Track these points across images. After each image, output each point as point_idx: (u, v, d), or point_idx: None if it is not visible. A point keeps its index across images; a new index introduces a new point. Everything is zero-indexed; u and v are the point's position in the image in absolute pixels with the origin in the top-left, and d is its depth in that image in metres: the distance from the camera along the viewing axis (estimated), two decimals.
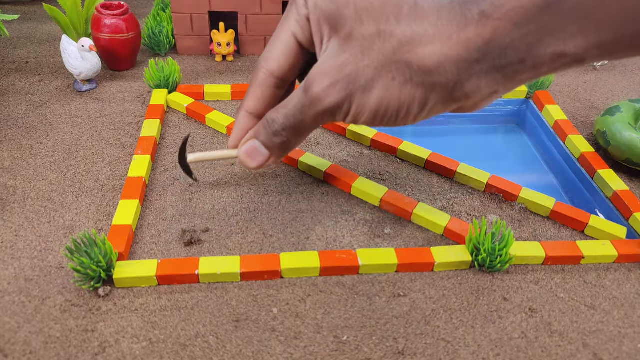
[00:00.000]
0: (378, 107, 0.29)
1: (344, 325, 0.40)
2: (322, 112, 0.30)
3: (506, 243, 0.43)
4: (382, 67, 0.27)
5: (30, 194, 0.50)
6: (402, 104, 0.29)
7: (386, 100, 0.28)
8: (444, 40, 0.25)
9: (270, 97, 0.36)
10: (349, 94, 0.29)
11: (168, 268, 0.41)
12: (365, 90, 0.28)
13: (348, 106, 0.30)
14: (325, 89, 0.29)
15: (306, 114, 0.31)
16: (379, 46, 0.27)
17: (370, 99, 0.29)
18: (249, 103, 0.37)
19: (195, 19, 0.73)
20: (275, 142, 0.35)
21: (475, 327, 0.40)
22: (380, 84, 0.28)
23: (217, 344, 0.38)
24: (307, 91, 0.30)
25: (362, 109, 0.29)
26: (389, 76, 0.28)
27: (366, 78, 0.28)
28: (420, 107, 0.29)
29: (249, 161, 0.37)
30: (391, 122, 0.30)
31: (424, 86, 0.27)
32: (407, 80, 0.27)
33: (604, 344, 0.40)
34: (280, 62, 0.34)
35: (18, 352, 0.36)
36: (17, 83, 0.66)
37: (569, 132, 0.62)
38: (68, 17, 0.69)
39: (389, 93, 0.28)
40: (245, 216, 0.49)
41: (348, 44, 0.28)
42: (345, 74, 0.28)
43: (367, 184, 0.52)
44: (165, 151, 0.56)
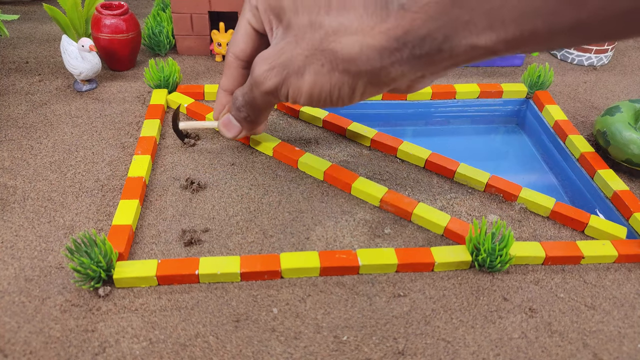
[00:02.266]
0: (311, 91, 0.32)
1: (344, 325, 0.40)
2: (265, 92, 0.34)
3: (506, 243, 0.43)
4: (312, 55, 0.30)
5: (30, 194, 0.50)
6: (333, 88, 0.31)
7: (318, 85, 0.31)
8: (367, 30, 0.27)
9: (239, 77, 0.42)
10: (284, 78, 0.32)
11: (168, 268, 0.41)
12: (299, 75, 0.31)
13: (285, 89, 0.33)
14: (263, 73, 0.33)
15: (254, 93, 0.36)
16: (309, 36, 0.30)
17: (303, 83, 0.32)
18: (223, 82, 0.43)
19: (195, 19, 0.73)
20: (240, 116, 0.40)
21: (475, 327, 0.40)
22: (311, 70, 0.31)
23: (217, 344, 0.38)
24: (252, 74, 0.34)
25: (298, 92, 0.32)
26: (318, 63, 0.30)
27: (298, 64, 0.31)
28: (351, 90, 0.31)
29: (226, 131, 0.43)
30: (328, 104, 0.33)
31: (349, 72, 0.30)
32: (334, 68, 0.30)
33: (604, 344, 0.40)
34: (241, 46, 0.39)
35: (18, 352, 0.36)
36: (17, 83, 0.66)
37: (569, 132, 0.62)
38: (68, 17, 0.69)
39: (319, 78, 0.31)
40: (245, 216, 0.49)
41: (287, 33, 0.32)
42: (281, 60, 0.32)
43: (367, 184, 0.52)
44: (165, 151, 0.56)
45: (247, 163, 0.56)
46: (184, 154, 0.56)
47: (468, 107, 0.70)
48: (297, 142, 0.59)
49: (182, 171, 0.54)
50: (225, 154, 0.57)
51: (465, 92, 0.68)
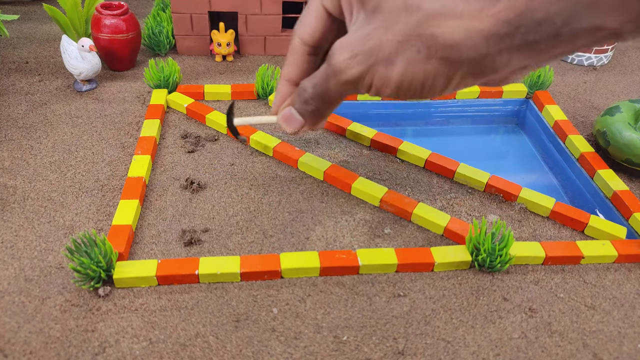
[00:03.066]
0: (402, 81, 0.29)
1: (344, 325, 0.40)
2: (344, 82, 0.31)
3: (506, 243, 0.43)
4: (406, 41, 0.27)
5: (30, 194, 0.50)
6: (427, 78, 0.28)
7: (410, 74, 0.28)
8: (474, 14, 0.25)
9: (305, 64, 0.38)
10: (370, 66, 0.29)
11: (168, 268, 0.41)
12: (388, 64, 0.28)
13: (370, 79, 0.30)
14: (345, 61, 0.30)
15: (330, 84, 0.32)
16: (404, 19, 0.27)
17: (393, 72, 0.28)
18: (286, 70, 0.38)
19: (195, 19, 0.73)
20: (307, 109, 0.36)
21: (475, 327, 0.40)
22: (404, 57, 0.28)
23: (217, 344, 0.38)
24: (330, 62, 0.31)
25: (385, 82, 0.29)
26: (413, 50, 0.27)
27: (389, 51, 0.28)
28: (446, 80, 0.28)
29: (286, 126, 0.39)
30: (416, 95, 0.30)
31: (449, 60, 0.27)
32: (431, 55, 0.27)
33: (604, 344, 0.40)
34: (311, 30, 0.35)
35: (18, 352, 0.36)
36: (17, 83, 0.66)
37: (569, 132, 0.62)
38: (68, 17, 0.69)
39: (413, 67, 0.28)
40: (245, 216, 0.49)
41: (373, 17, 0.28)
42: (367, 47, 0.29)
43: (367, 184, 0.51)
44: (165, 151, 0.56)
45: (247, 163, 0.56)
46: (184, 154, 0.56)
47: (468, 107, 0.70)
48: (297, 142, 0.59)
49: (182, 171, 0.54)
50: (225, 154, 0.57)
51: (465, 92, 0.68)
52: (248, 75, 0.72)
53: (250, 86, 0.66)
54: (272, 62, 0.76)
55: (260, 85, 0.65)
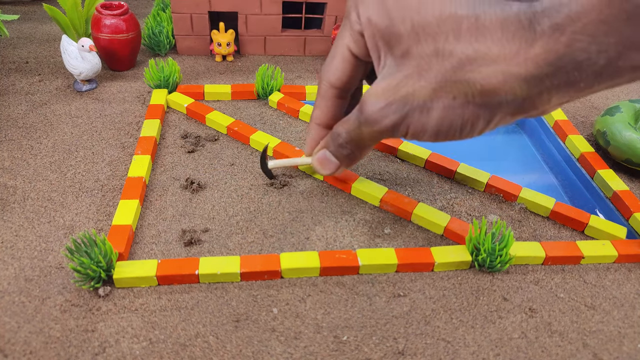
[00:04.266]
0: (439, 127, 0.28)
1: (344, 325, 0.40)
2: (378, 132, 0.31)
3: (506, 243, 0.43)
4: (441, 88, 0.27)
5: (30, 194, 0.50)
6: (466, 122, 0.28)
7: (448, 120, 0.28)
8: (511, 57, 0.24)
9: (334, 107, 0.37)
10: (405, 115, 0.29)
11: (168, 268, 0.41)
12: (423, 111, 0.28)
13: (405, 126, 0.29)
14: (379, 111, 0.29)
15: (363, 132, 0.32)
16: (437, 66, 0.26)
17: (429, 119, 0.28)
18: (316, 114, 0.39)
19: (195, 19, 0.73)
20: (342, 153, 0.36)
21: (475, 327, 0.40)
22: (440, 104, 0.27)
23: (217, 344, 0.38)
24: (362, 111, 0.31)
25: (422, 129, 0.29)
26: (449, 96, 0.27)
27: (424, 99, 0.27)
28: (485, 123, 0.28)
29: (321, 168, 0.39)
30: (455, 138, 0.29)
31: (488, 105, 0.26)
32: (468, 101, 0.26)
33: (604, 344, 0.40)
34: (338, 74, 0.35)
35: (18, 352, 0.36)
36: (17, 83, 0.66)
37: (569, 132, 0.62)
38: (68, 17, 0.69)
39: (450, 113, 0.27)
40: (245, 216, 0.49)
41: (404, 64, 0.28)
42: (400, 95, 0.28)
43: (367, 184, 0.52)
44: (165, 151, 0.56)
45: (247, 163, 0.56)
46: (184, 154, 0.56)
47: None
48: (297, 142, 0.59)
49: (182, 171, 0.54)
50: (225, 154, 0.57)
51: None
52: (248, 75, 0.72)
53: (250, 86, 0.66)
54: (272, 62, 0.76)
55: (260, 85, 0.65)
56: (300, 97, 0.67)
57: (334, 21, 0.75)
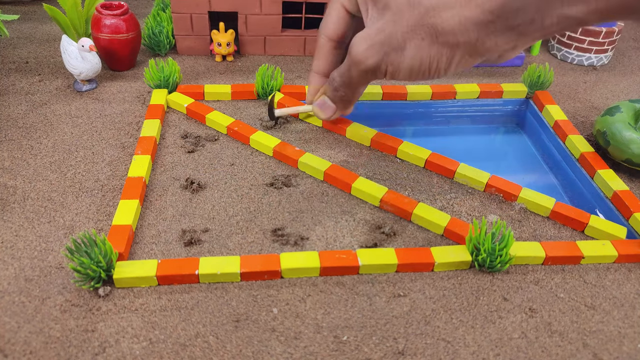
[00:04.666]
0: (412, 64, 0.34)
1: (344, 325, 0.40)
2: (364, 70, 0.36)
3: (506, 243, 0.43)
4: (412, 31, 0.32)
5: (30, 194, 0.50)
6: (432, 60, 0.33)
7: (418, 58, 0.33)
8: (464, 4, 0.30)
9: (331, 57, 0.43)
10: (384, 54, 0.34)
11: (168, 268, 0.41)
12: (399, 51, 0.33)
13: (385, 65, 0.35)
14: (363, 52, 0.35)
15: (352, 72, 0.37)
16: (408, 13, 0.32)
17: (404, 58, 0.33)
18: (315, 64, 0.44)
19: (195, 19, 0.73)
20: (337, 95, 0.42)
21: (475, 327, 0.40)
22: (412, 44, 0.33)
23: (217, 344, 0.38)
24: (350, 54, 0.36)
25: (398, 67, 0.34)
26: (418, 38, 0.32)
27: (398, 40, 0.33)
28: (448, 61, 0.33)
29: (321, 113, 0.45)
30: (426, 76, 0.35)
31: (448, 44, 0.32)
32: (433, 41, 0.32)
33: (604, 344, 0.40)
34: (334, 28, 0.41)
35: (18, 352, 0.36)
36: (17, 83, 0.67)
37: (569, 132, 0.62)
38: (68, 17, 0.69)
39: (420, 52, 0.33)
40: (245, 216, 0.49)
41: (383, 13, 0.33)
42: (380, 38, 0.34)
43: (367, 184, 0.52)
44: (165, 151, 0.56)
45: (247, 163, 0.56)
46: (184, 154, 0.56)
47: (468, 107, 0.70)
48: (297, 142, 0.59)
49: (182, 171, 0.54)
50: (225, 154, 0.57)
51: (465, 92, 0.68)
52: (248, 75, 0.72)
53: (250, 86, 0.66)
54: (272, 62, 0.76)
55: (260, 85, 0.65)
56: (301, 97, 0.67)
57: None
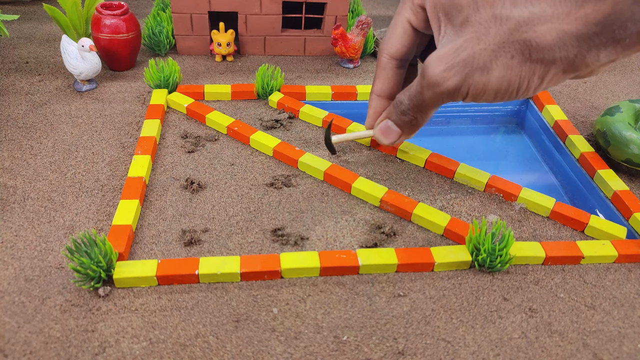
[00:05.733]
0: (499, 86, 0.31)
1: (344, 325, 0.40)
2: (441, 93, 0.33)
3: (506, 243, 0.43)
4: (499, 49, 0.29)
5: (30, 194, 0.50)
6: (523, 80, 0.30)
7: (507, 78, 0.30)
8: (563, 17, 0.27)
9: (393, 78, 0.41)
10: (466, 76, 0.31)
11: (168, 268, 0.41)
12: (484, 72, 0.30)
13: (466, 87, 0.32)
14: (440, 73, 0.32)
15: (425, 96, 0.35)
16: (495, 30, 0.29)
17: (490, 79, 0.31)
18: (377, 86, 0.42)
19: (195, 19, 0.73)
20: (404, 120, 0.39)
21: (475, 327, 0.40)
22: (499, 64, 0.30)
23: (217, 344, 0.38)
24: (424, 76, 0.33)
25: (483, 88, 0.31)
26: (507, 56, 0.29)
27: (483, 60, 0.30)
28: (540, 80, 0.30)
29: (383, 138, 0.42)
30: (512, 97, 0.32)
31: (543, 61, 0.29)
32: (525, 58, 0.29)
33: (604, 344, 0.40)
34: (397, 46, 0.39)
35: (18, 352, 0.36)
36: (17, 83, 0.67)
37: (569, 132, 0.62)
38: (68, 17, 0.69)
39: (509, 71, 0.30)
40: (245, 216, 0.49)
41: (463, 31, 0.31)
42: (461, 58, 0.31)
43: (367, 184, 0.52)
44: (165, 151, 0.56)
45: (247, 163, 0.56)
46: (184, 154, 0.56)
47: (468, 107, 0.70)
48: (297, 142, 0.59)
49: (182, 171, 0.54)
50: (225, 154, 0.57)
51: None
52: (248, 75, 0.72)
53: (250, 86, 0.66)
54: (272, 62, 0.76)
55: (260, 85, 0.65)
56: (301, 97, 0.67)
57: (334, 21, 0.75)
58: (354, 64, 0.76)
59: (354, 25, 0.73)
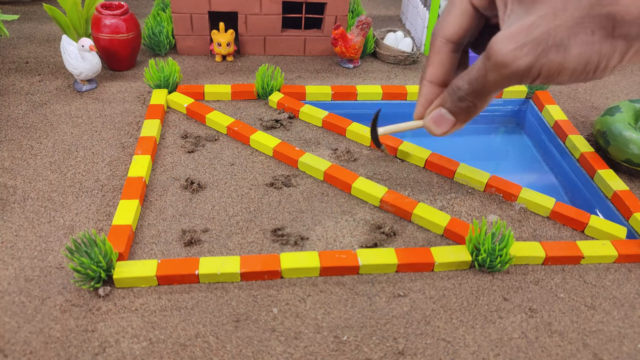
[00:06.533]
0: (576, 64, 0.29)
1: (344, 325, 0.40)
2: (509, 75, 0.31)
3: (506, 243, 0.43)
4: (578, 24, 0.28)
5: (30, 194, 0.50)
6: (602, 57, 0.29)
7: (586, 56, 0.28)
8: None
9: (448, 63, 0.38)
10: (539, 55, 0.29)
11: (168, 268, 0.41)
12: (560, 49, 0.29)
13: (539, 67, 0.30)
14: (509, 52, 0.30)
15: (489, 79, 0.32)
16: (573, 4, 0.27)
17: (567, 57, 0.29)
18: (430, 72, 0.39)
19: (195, 19, 0.73)
20: (461, 106, 0.36)
21: (475, 327, 0.40)
22: (578, 40, 0.28)
23: (217, 344, 0.38)
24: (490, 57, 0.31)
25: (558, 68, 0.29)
26: (586, 32, 0.28)
27: (560, 37, 0.28)
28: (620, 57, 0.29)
29: (435, 128, 0.39)
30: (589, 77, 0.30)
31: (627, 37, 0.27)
32: (607, 34, 0.27)
33: (604, 344, 0.40)
34: (455, 27, 0.36)
35: (18, 352, 0.36)
36: (17, 83, 0.66)
37: (569, 132, 0.62)
38: (68, 17, 0.69)
39: (589, 48, 0.28)
40: (245, 216, 0.49)
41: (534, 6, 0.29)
42: (533, 36, 0.29)
43: (367, 184, 0.52)
44: (165, 151, 0.56)
45: (247, 163, 0.56)
46: (184, 154, 0.56)
47: None
48: (297, 142, 0.59)
49: (182, 171, 0.54)
50: (225, 154, 0.57)
51: None
52: (248, 75, 0.72)
53: (250, 86, 0.66)
54: (272, 62, 0.76)
55: (260, 85, 0.65)
56: (301, 97, 0.67)
57: (334, 21, 0.75)
58: (354, 64, 0.76)
59: (354, 25, 0.73)
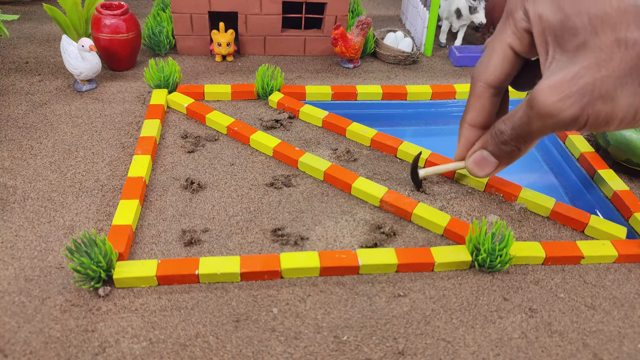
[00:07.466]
0: (625, 114, 0.29)
1: (344, 325, 0.40)
2: (552, 125, 0.31)
3: (506, 243, 0.43)
4: (626, 76, 0.27)
5: (30, 194, 0.50)
6: None
7: (634, 107, 0.28)
8: None
9: (489, 107, 0.38)
10: (585, 106, 0.29)
11: (168, 268, 0.41)
12: (607, 101, 0.28)
13: (585, 118, 0.29)
14: (555, 103, 0.29)
15: (534, 127, 0.32)
16: (619, 55, 0.27)
17: (615, 108, 0.28)
18: (470, 116, 0.39)
19: (195, 19, 0.73)
20: (505, 150, 0.36)
21: (475, 327, 0.40)
22: (625, 92, 0.28)
23: (217, 344, 0.38)
24: (533, 107, 0.31)
25: (605, 118, 0.29)
26: (634, 83, 0.27)
27: (607, 88, 0.28)
28: None
29: (478, 170, 0.39)
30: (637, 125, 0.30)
31: None
32: None
33: (604, 344, 0.40)
34: (497, 73, 0.35)
35: (18, 352, 0.36)
36: (17, 83, 0.67)
37: (569, 132, 0.62)
38: (68, 17, 0.69)
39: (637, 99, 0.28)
40: (245, 216, 0.49)
41: (579, 56, 0.28)
42: (579, 86, 0.28)
43: (367, 184, 0.52)
44: (165, 151, 0.56)
45: (247, 163, 0.56)
46: (184, 154, 0.56)
47: None
48: (297, 142, 0.59)
49: (182, 171, 0.54)
50: (225, 154, 0.57)
51: (466, 92, 0.68)
52: (248, 75, 0.72)
53: (250, 86, 0.66)
54: (272, 62, 0.76)
55: (260, 85, 0.65)
56: (301, 97, 0.67)
57: (334, 21, 0.75)
58: (354, 64, 0.76)
59: (354, 25, 0.73)
